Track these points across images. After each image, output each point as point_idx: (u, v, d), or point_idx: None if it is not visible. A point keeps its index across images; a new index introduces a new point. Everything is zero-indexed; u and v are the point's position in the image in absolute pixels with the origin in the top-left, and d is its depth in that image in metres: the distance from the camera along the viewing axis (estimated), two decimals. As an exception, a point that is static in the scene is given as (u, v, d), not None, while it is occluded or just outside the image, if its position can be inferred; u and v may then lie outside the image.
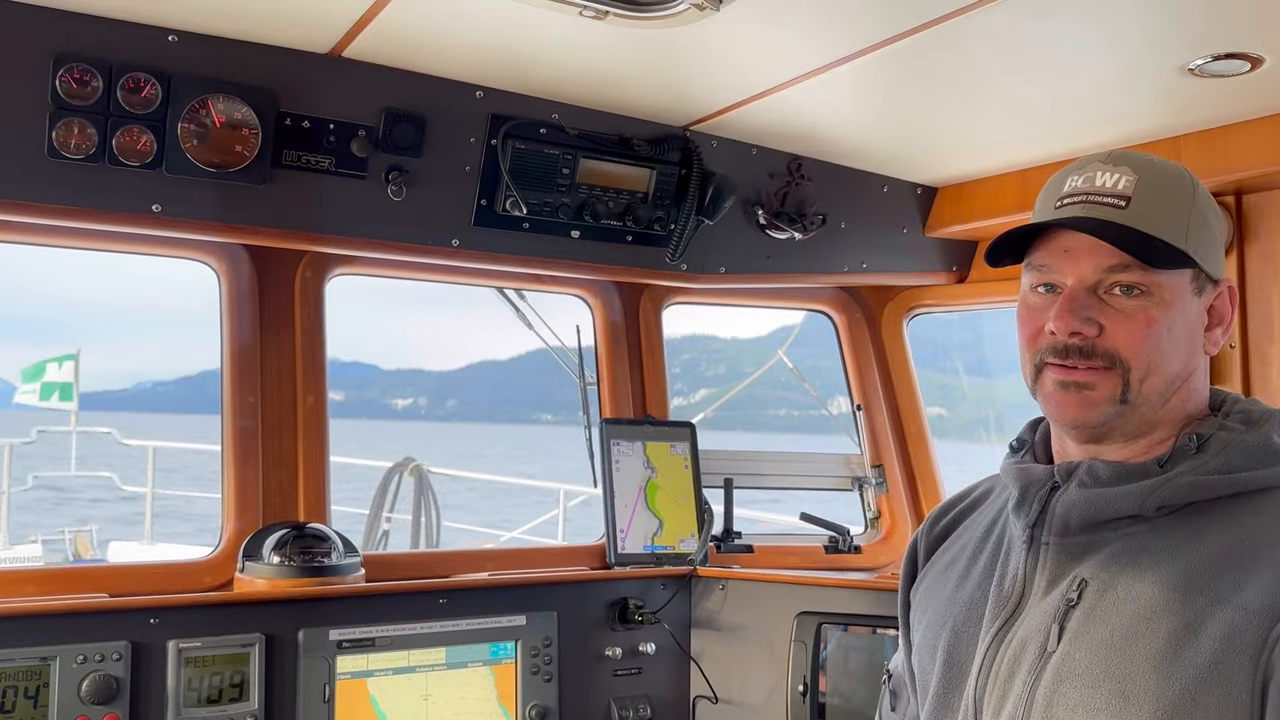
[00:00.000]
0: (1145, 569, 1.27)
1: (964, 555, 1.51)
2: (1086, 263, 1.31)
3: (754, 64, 2.32)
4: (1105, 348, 1.30)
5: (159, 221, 2.31)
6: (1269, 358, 2.61)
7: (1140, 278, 1.29)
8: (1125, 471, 1.33)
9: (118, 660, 2.20)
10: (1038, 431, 1.51)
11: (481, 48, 2.29)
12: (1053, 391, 1.34)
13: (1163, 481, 1.30)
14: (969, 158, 2.93)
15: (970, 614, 1.42)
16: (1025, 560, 1.37)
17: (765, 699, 2.75)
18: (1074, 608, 1.29)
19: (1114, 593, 1.27)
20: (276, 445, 2.66)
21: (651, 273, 2.93)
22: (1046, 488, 1.38)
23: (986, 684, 1.34)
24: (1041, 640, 1.30)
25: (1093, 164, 1.35)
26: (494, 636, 2.58)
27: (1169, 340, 1.31)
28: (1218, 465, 1.30)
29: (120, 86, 2.17)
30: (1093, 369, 1.31)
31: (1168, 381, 1.33)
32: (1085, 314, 1.30)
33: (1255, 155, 2.43)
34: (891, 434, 3.49)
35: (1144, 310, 1.30)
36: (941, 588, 1.51)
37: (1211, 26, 2.00)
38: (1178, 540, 1.28)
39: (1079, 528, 1.33)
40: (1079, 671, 1.25)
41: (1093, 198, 1.32)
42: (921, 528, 1.64)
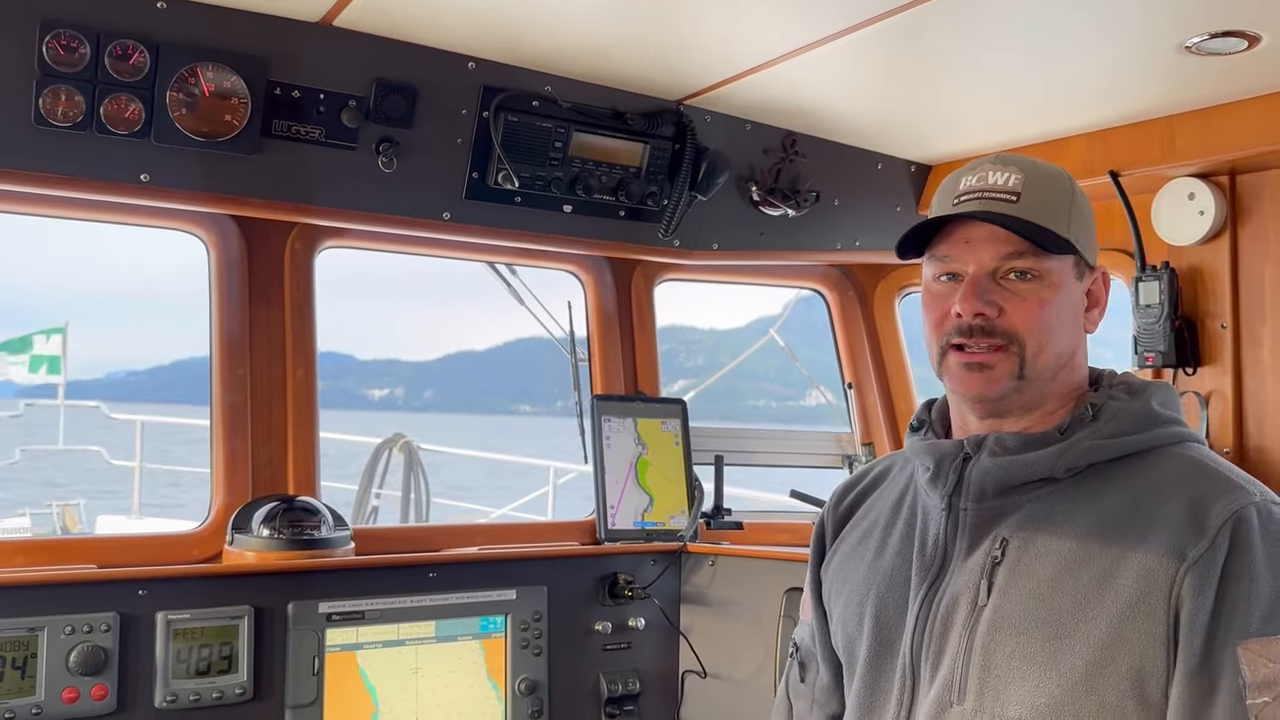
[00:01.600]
0: (1060, 525, 1.41)
1: (876, 529, 1.62)
2: (986, 251, 1.44)
3: (749, 38, 2.31)
4: (1004, 327, 1.43)
5: (147, 191, 2.28)
6: (1259, 337, 2.61)
7: (1032, 264, 1.43)
8: (1030, 440, 1.46)
9: (106, 631, 2.20)
10: (933, 411, 1.64)
11: (474, 18, 2.27)
12: (958, 371, 1.47)
13: (1067, 447, 1.43)
14: (963, 136, 2.92)
15: (893, 580, 1.54)
16: (945, 526, 1.49)
17: (753, 673, 2.76)
18: (999, 564, 1.42)
19: (1034, 547, 1.41)
20: (266, 418, 2.65)
21: (644, 248, 2.92)
22: (959, 459, 1.50)
23: (922, 641, 1.46)
24: (972, 596, 1.42)
25: (983, 165, 1.49)
26: (484, 610, 2.58)
27: (1057, 320, 1.45)
28: (1110, 430, 1.44)
29: (108, 54, 2.14)
30: (993, 348, 1.44)
31: (1057, 357, 1.46)
32: (987, 297, 1.43)
33: (1250, 135, 2.43)
34: (882, 412, 3.49)
35: (1036, 293, 1.44)
36: (857, 562, 1.61)
37: (1209, 4, 1.99)
38: (1084, 498, 1.42)
39: (994, 492, 1.46)
40: (1012, 620, 1.38)
41: (987, 194, 1.45)
42: (826, 508, 1.75)
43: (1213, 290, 2.67)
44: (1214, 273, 2.67)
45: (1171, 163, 2.57)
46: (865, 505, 1.69)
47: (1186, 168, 2.60)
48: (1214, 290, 2.67)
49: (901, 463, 1.67)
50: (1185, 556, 1.31)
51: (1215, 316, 2.67)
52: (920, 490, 1.57)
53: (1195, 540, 1.32)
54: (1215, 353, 2.67)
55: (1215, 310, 2.67)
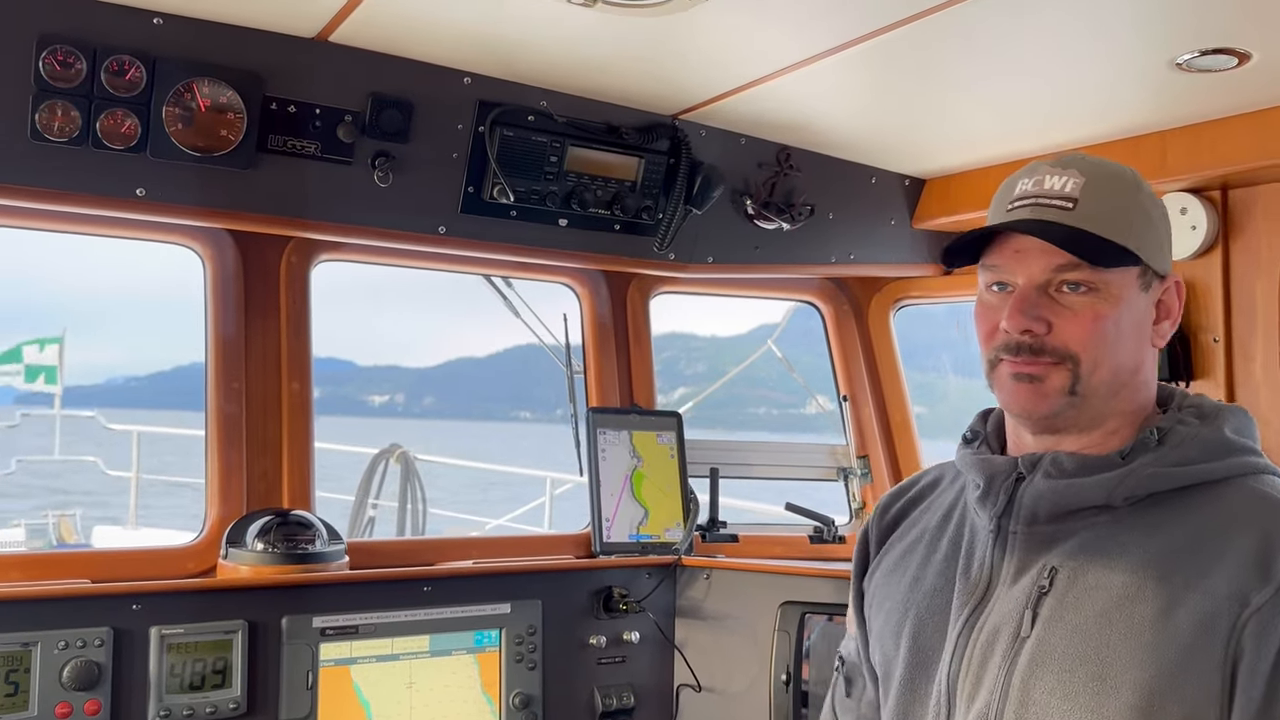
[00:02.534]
0: (1114, 557, 1.32)
1: (921, 544, 1.54)
2: (1036, 263, 1.36)
3: (743, 53, 2.32)
4: (1054, 344, 1.36)
5: (143, 205, 2.29)
6: (1251, 351, 2.62)
7: (1087, 275, 1.35)
8: (1089, 463, 1.38)
9: (99, 646, 2.20)
10: (989, 422, 1.56)
11: (469, 33, 2.28)
12: (1007, 383, 1.40)
13: (1127, 473, 1.35)
14: (957, 150, 2.93)
15: (934, 602, 1.46)
16: (992, 549, 1.42)
17: (748, 688, 2.76)
18: (1046, 594, 1.33)
19: (1085, 579, 1.32)
20: (261, 431, 2.65)
21: (639, 262, 2.93)
22: (1011, 478, 1.42)
23: (959, 671, 1.38)
24: (1014, 626, 1.34)
25: (1042, 168, 1.41)
26: (478, 624, 2.58)
27: (1116, 334, 1.36)
28: (1177, 458, 1.35)
29: (104, 69, 2.15)
30: (1047, 364, 1.36)
31: (1115, 374, 1.38)
32: (1035, 312, 1.35)
33: (1241, 150, 2.44)
34: (877, 425, 3.49)
35: (1091, 306, 1.35)
36: (899, 576, 1.54)
37: (1200, 21, 2.01)
38: (1142, 529, 1.33)
39: (1047, 517, 1.38)
40: (1055, 655, 1.29)
41: (1041, 200, 1.37)
42: (871, 516, 1.68)
43: (1205, 304, 2.68)
44: (1206, 287, 2.68)
45: (1164, 177, 2.58)
46: (912, 517, 1.61)
47: (1179, 182, 2.61)
48: (1206, 304, 2.68)
49: (952, 474, 1.59)
50: (1248, 602, 1.22)
51: (1208, 330, 2.68)
52: (970, 508, 1.48)
53: (1260, 584, 1.23)
54: (1208, 366, 2.68)
55: (1208, 324, 2.68)
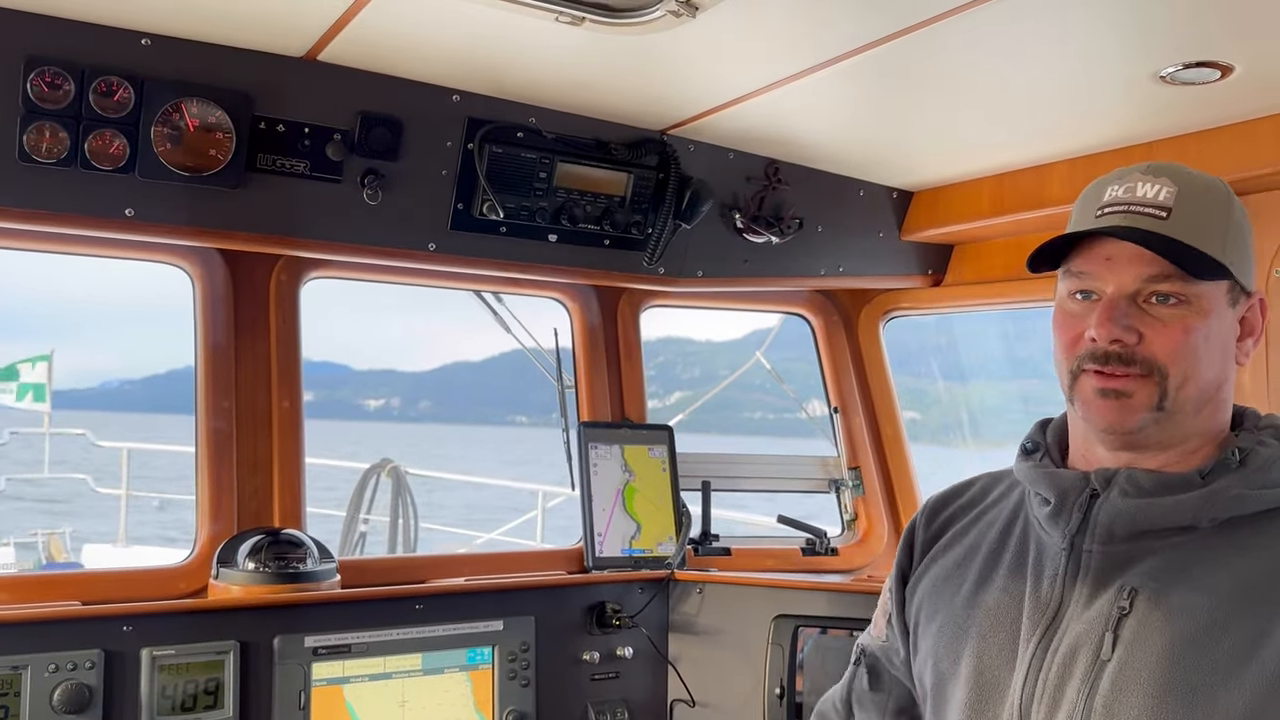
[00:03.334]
0: (1197, 579, 1.28)
1: (978, 557, 1.49)
2: (1127, 271, 1.33)
3: (731, 69, 2.33)
4: (1144, 355, 1.32)
5: (132, 226, 2.29)
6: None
7: (1179, 287, 1.31)
8: (1168, 482, 1.34)
9: (90, 669, 2.19)
10: (1048, 433, 1.51)
11: (458, 51, 2.29)
12: (1091, 398, 1.36)
13: (1211, 494, 1.31)
14: (944, 162, 2.95)
15: (999, 619, 1.41)
16: (1065, 567, 1.37)
17: (743, 702, 2.76)
18: (1127, 616, 1.29)
19: (1168, 602, 1.28)
20: (251, 450, 2.64)
21: (629, 276, 2.93)
22: (1085, 495, 1.37)
23: (1034, 693, 1.33)
24: (1094, 648, 1.30)
25: (1132, 174, 1.37)
26: (471, 642, 2.58)
27: (1205, 349, 1.33)
28: (1261, 480, 1.32)
29: (92, 90, 2.15)
30: (1131, 376, 1.32)
31: (1202, 390, 1.34)
32: (1125, 321, 1.32)
33: (1225, 162, 2.45)
34: (868, 436, 3.50)
35: (1182, 319, 1.32)
36: (955, 589, 1.48)
37: (1183, 35, 2.02)
38: (1225, 552, 1.30)
39: (1124, 536, 1.34)
40: (1140, 680, 1.25)
41: (1134, 208, 1.34)
42: (917, 519, 1.62)
43: (1192, 314, 2.69)
44: (1193, 297, 2.69)
45: (1150, 189, 2.59)
46: (962, 525, 1.56)
47: (1164, 194, 2.62)
48: (1194, 314, 2.69)
49: (1007, 485, 1.54)
50: None
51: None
52: (1035, 523, 1.43)
53: None
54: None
55: (1195, 334, 2.69)
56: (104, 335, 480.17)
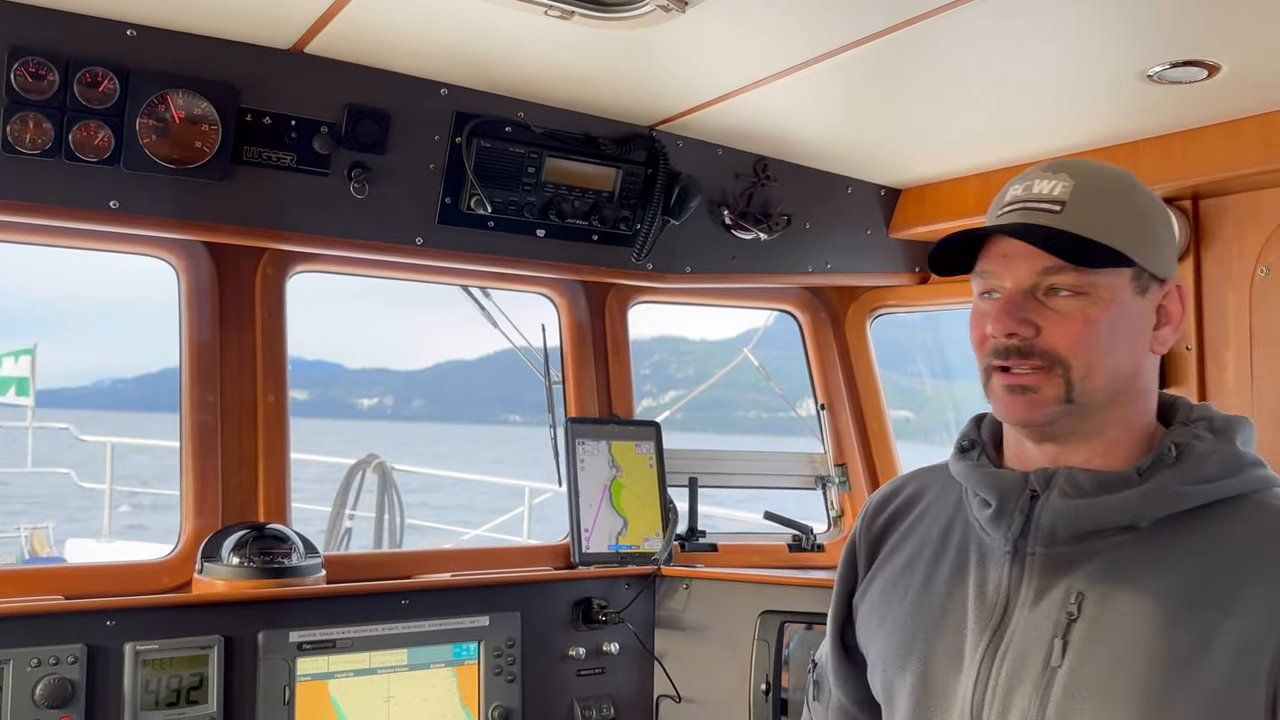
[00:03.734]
0: (1142, 581, 1.28)
1: (921, 561, 1.49)
2: (1022, 266, 1.34)
3: (720, 65, 2.33)
4: (1043, 347, 1.33)
5: (116, 218, 2.27)
6: (1223, 360, 2.65)
7: (1075, 279, 1.32)
8: (1107, 481, 1.34)
9: (73, 663, 2.17)
10: (983, 429, 1.52)
11: (446, 45, 2.28)
12: (1001, 395, 1.36)
13: (1149, 492, 1.31)
14: (932, 160, 2.95)
15: (944, 624, 1.41)
16: (1009, 570, 1.37)
17: (728, 698, 2.76)
18: (1075, 621, 1.29)
19: (1115, 605, 1.28)
20: (236, 444, 2.63)
21: (617, 272, 2.93)
22: (1025, 496, 1.37)
23: (984, 698, 1.33)
24: (1044, 654, 1.30)
25: (1034, 173, 1.39)
26: (456, 637, 2.57)
27: (1109, 339, 1.33)
28: (1198, 475, 1.32)
29: (77, 81, 2.13)
30: (1036, 369, 1.33)
31: (1112, 379, 1.34)
32: (1020, 315, 1.33)
33: (1211, 161, 2.47)
34: (855, 433, 3.51)
35: (1080, 310, 1.32)
36: (900, 596, 1.49)
37: (1171, 34, 2.03)
38: (1167, 550, 1.30)
39: (1067, 538, 1.34)
40: (1092, 686, 1.26)
41: (1029, 204, 1.35)
42: (857, 529, 1.62)
43: (1177, 313, 2.70)
44: (1178, 296, 2.70)
45: (1136, 188, 2.61)
46: (903, 528, 1.56)
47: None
48: (1179, 313, 2.70)
49: (942, 483, 1.54)
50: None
51: (1180, 339, 2.70)
52: (976, 524, 1.43)
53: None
54: (1181, 374, 2.70)
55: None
56: (96, 333, 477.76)
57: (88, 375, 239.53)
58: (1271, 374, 2.54)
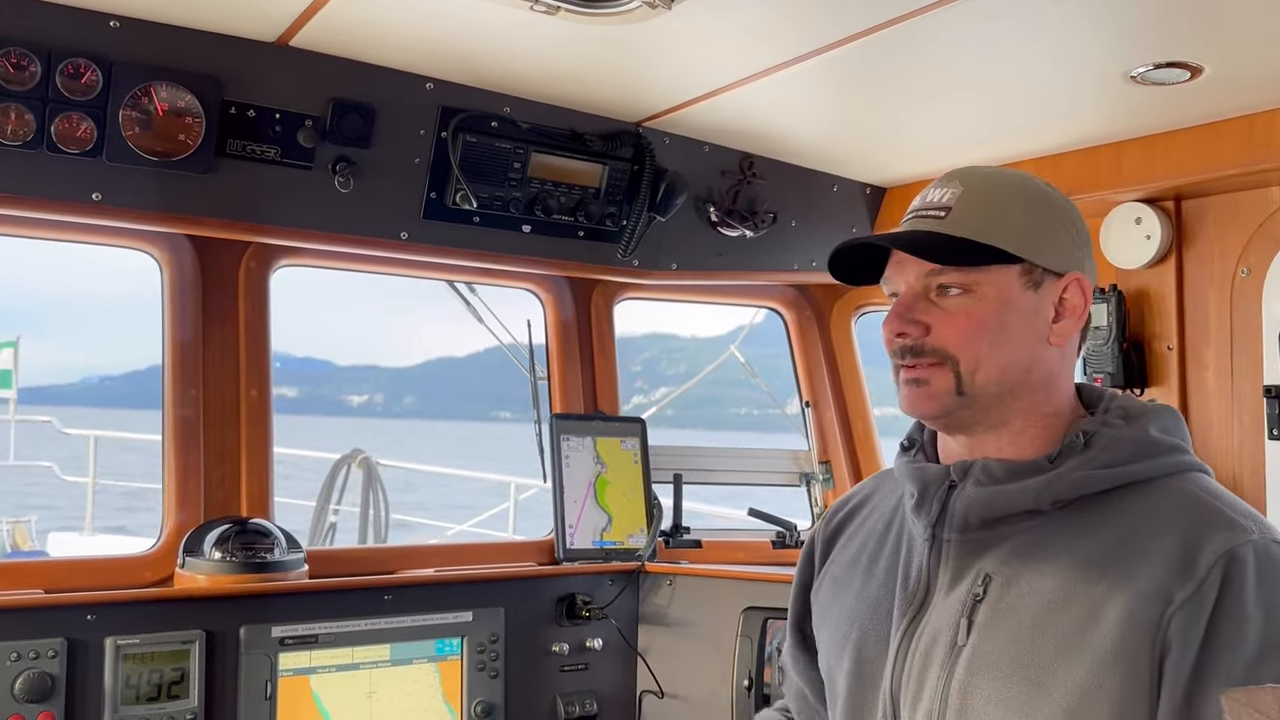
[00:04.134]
0: (1044, 561, 1.34)
1: (864, 555, 1.56)
2: (911, 270, 1.41)
3: (707, 62, 2.33)
4: (932, 345, 1.39)
5: (99, 210, 2.26)
6: (1204, 359, 2.67)
7: (959, 278, 1.37)
8: (1018, 469, 1.39)
9: (53, 657, 2.16)
10: (925, 430, 1.57)
11: (432, 39, 2.27)
12: (901, 388, 1.43)
13: (1055, 477, 1.36)
14: (917, 159, 2.96)
15: (876, 612, 1.48)
16: (928, 557, 1.43)
17: (711, 693, 2.76)
18: (980, 602, 1.35)
19: (1018, 586, 1.34)
20: (219, 439, 2.62)
21: (603, 268, 2.93)
22: (944, 486, 1.43)
23: (902, 678, 1.40)
24: (951, 634, 1.36)
25: (935, 182, 1.44)
26: (440, 633, 2.57)
27: (997, 333, 1.37)
28: (1104, 460, 1.36)
29: (59, 72, 2.12)
30: (929, 365, 1.39)
31: (1003, 372, 1.38)
32: (909, 315, 1.39)
33: (1193, 162, 2.48)
34: (839, 430, 3.52)
35: (965, 308, 1.38)
36: (846, 588, 1.56)
37: (1154, 36, 2.04)
38: (1072, 532, 1.35)
39: (978, 524, 1.39)
40: (990, 663, 1.32)
41: (920, 212, 1.42)
42: (818, 526, 1.69)
43: (1159, 312, 2.73)
44: (1160, 295, 2.72)
45: (1119, 188, 2.63)
46: (853, 526, 1.62)
47: (1134, 193, 2.65)
48: (1160, 312, 2.72)
49: (892, 483, 1.60)
50: (1172, 599, 1.24)
51: (1162, 338, 2.72)
52: (908, 517, 1.50)
53: (1184, 581, 1.24)
54: (1162, 373, 2.72)
55: (1162, 332, 2.72)
56: (84, 330, 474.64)
57: (75, 372, 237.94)
58: (1251, 373, 2.56)
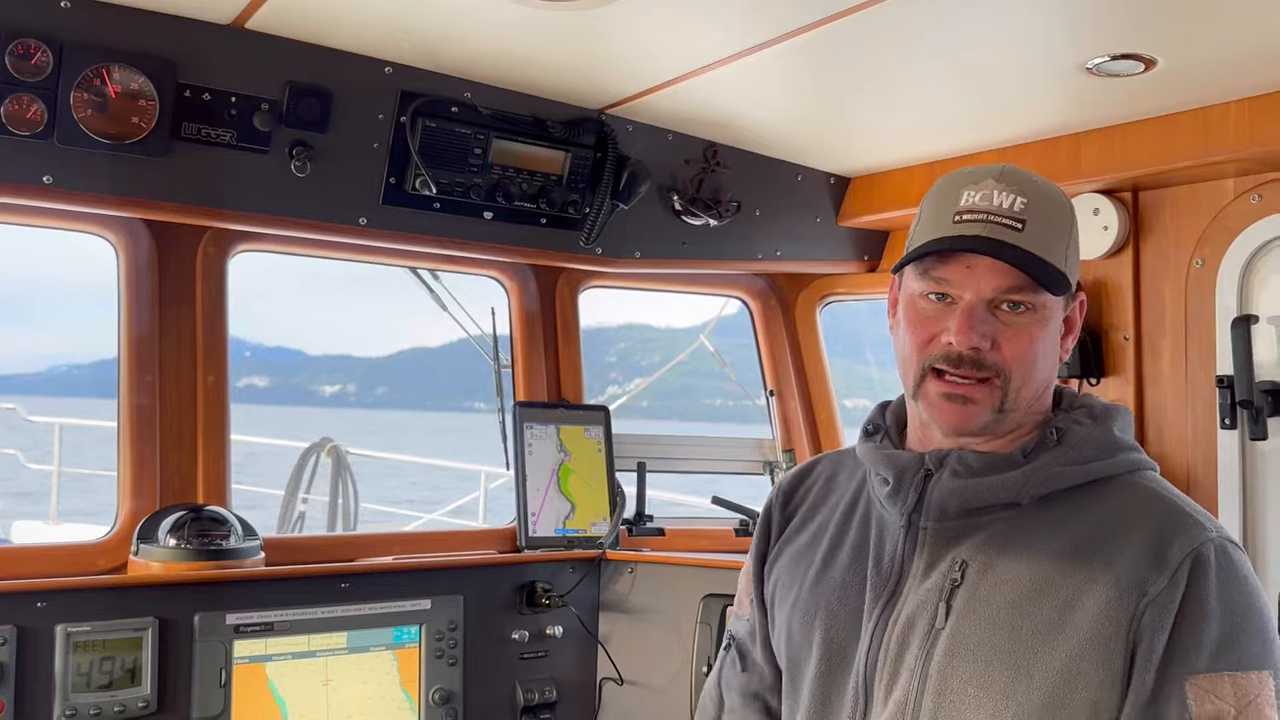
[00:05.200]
0: (1020, 551, 1.39)
1: (825, 536, 1.57)
2: (986, 281, 1.38)
3: (670, 49, 2.32)
4: (992, 360, 1.39)
5: (50, 193, 2.23)
6: (1160, 349, 2.69)
7: (1029, 297, 1.39)
8: (994, 462, 1.43)
9: (2, 645, 2.14)
10: (888, 415, 1.59)
11: (390, 22, 2.25)
12: (936, 401, 1.43)
13: (1032, 472, 1.41)
14: (880, 149, 2.97)
15: (845, 594, 1.49)
16: (903, 543, 1.46)
17: (670, 680, 2.77)
18: (959, 587, 1.39)
19: (995, 573, 1.38)
20: (175, 426, 2.59)
21: (566, 256, 2.92)
22: (920, 475, 1.46)
23: (875, 661, 1.42)
24: (929, 618, 1.39)
25: (987, 181, 1.41)
26: (397, 620, 2.56)
27: (1044, 353, 1.42)
28: (1076, 457, 1.42)
29: (8, 53, 2.09)
30: (978, 381, 1.40)
31: (1037, 389, 1.44)
32: (984, 329, 1.38)
33: (1150, 153, 2.50)
34: (803, 419, 3.53)
35: (1028, 327, 1.40)
36: (805, 568, 1.56)
37: (1109, 27, 2.05)
38: (1045, 524, 1.40)
39: (955, 514, 1.43)
40: (970, 646, 1.36)
41: (993, 218, 1.38)
42: (773, 500, 1.68)
43: (1116, 303, 2.75)
44: (1117, 286, 2.75)
45: (1077, 179, 2.64)
46: (811, 503, 1.63)
47: (1092, 184, 2.67)
48: (1117, 303, 2.75)
49: (852, 464, 1.62)
50: (1146, 592, 1.30)
51: (1118, 329, 2.75)
52: (876, 502, 1.52)
53: (1156, 576, 1.31)
54: (1118, 364, 2.75)
55: (1118, 322, 2.75)
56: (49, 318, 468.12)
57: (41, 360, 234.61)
58: (1205, 363, 2.59)
